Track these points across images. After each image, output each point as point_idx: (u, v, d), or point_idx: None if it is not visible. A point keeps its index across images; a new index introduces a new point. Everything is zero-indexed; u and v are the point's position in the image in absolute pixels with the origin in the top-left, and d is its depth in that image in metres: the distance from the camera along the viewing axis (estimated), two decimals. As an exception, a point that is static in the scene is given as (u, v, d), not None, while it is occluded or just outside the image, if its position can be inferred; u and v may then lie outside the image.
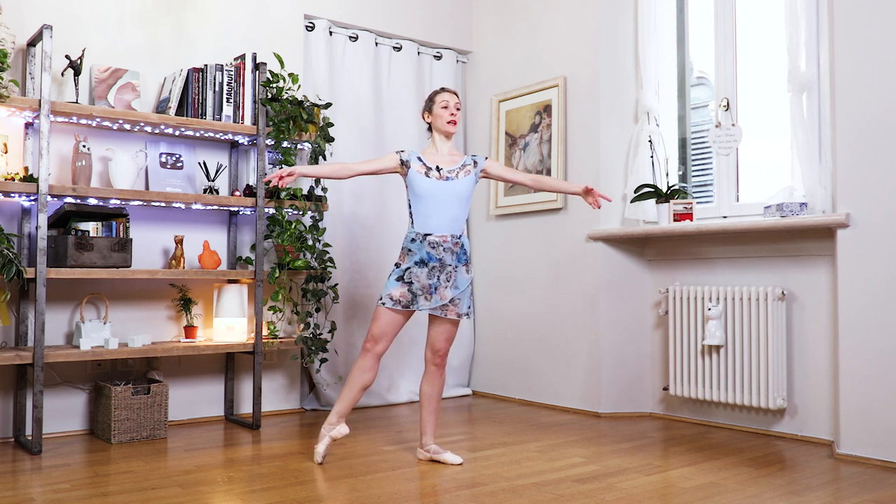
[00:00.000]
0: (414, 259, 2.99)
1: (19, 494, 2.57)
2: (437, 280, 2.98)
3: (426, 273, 2.98)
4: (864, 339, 3.12)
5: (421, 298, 2.98)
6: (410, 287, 2.98)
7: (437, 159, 3.08)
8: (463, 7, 5.01)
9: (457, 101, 3.11)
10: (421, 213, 3.02)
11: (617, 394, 4.13)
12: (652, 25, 4.15)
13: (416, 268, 2.98)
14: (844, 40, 3.21)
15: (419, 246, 2.99)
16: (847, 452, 3.14)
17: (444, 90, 3.13)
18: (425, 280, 2.97)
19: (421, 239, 2.99)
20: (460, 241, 3.03)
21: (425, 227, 3.00)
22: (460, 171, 3.07)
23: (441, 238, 2.99)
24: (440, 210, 3.01)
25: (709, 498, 2.58)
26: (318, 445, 3.05)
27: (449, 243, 3.00)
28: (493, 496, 2.59)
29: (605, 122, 4.19)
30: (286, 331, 4.16)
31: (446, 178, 3.04)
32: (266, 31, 4.17)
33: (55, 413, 3.51)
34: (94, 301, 3.63)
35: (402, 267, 3.00)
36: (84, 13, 3.63)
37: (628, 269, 4.15)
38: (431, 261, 2.98)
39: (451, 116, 3.08)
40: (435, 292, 2.98)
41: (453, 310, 3.00)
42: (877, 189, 3.09)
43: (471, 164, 3.11)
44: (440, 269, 2.98)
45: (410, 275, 2.98)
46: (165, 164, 3.78)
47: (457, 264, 3.01)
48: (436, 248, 2.98)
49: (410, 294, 2.98)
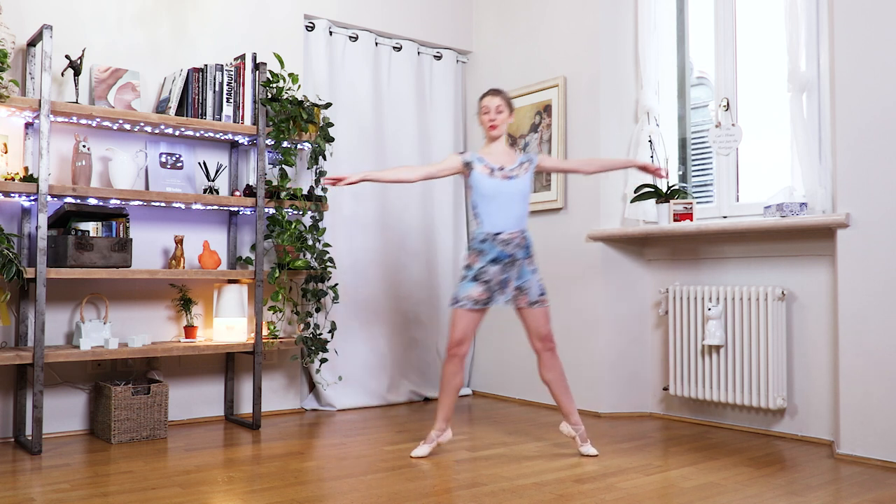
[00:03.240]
0: (487, 258, 3.12)
1: (19, 494, 2.57)
2: (509, 274, 3.13)
3: (499, 269, 3.11)
4: (864, 339, 3.12)
5: (498, 294, 3.13)
6: (488, 285, 3.11)
7: (496, 159, 3.19)
8: (463, 7, 5.01)
9: (498, 104, 3.20)
10: (489, 213, 3.14)
11: (617, 394, 4.13)
12: (652, 25, 4.15)
13: (490, 266, 3.12)
14: (844, 40, 3.21)
15: (491, 245, 3.12)
16: (847, 452, 3.14)
17: (485, 94, 3.25)
18: (499, 276, 3.12)
19: (492, 238, 3.11)
20: (525, 235, 3.18)
21: (495, 226, 3.13)
22: (519, 169, 3.19)
23: (511, 235, 3.13)
24: (507, 208, 3.14)
25: (709, 498, 2.58)
26: (423, 446, 3.17)
27: (518, 238, 3.14)
28: (493, 496, 2.59)
29: (605, 122, 4.19)
30: (286, 331, 4.16)
31: (509, 176, 3.17)
32: (266, 31, 4.17)
33: (55, 413, 3.51)
34: (94, 301, 3.63)
35: (476, 267, 3.13)
36: (84, 13, 3.63)
37: (628, 269, 4.14)
38: (504, 258, 3.12)
39: (491, 122, 3.20)
40: (507, 286, 3.13)
41: (523, 299, 3.15)
42: (877, 189, 3.09)
43: (527, 162, 3.23)
44: (511, 264, 3.13)
45: (485, 273, 3.12)
46: (165, 164, 3.78)
47: (524, 258, 3.15)
48: (507, 245, 3.12)
49: (489, 292, 3.11)
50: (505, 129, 3.23)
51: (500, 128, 3.20)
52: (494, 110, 3.18)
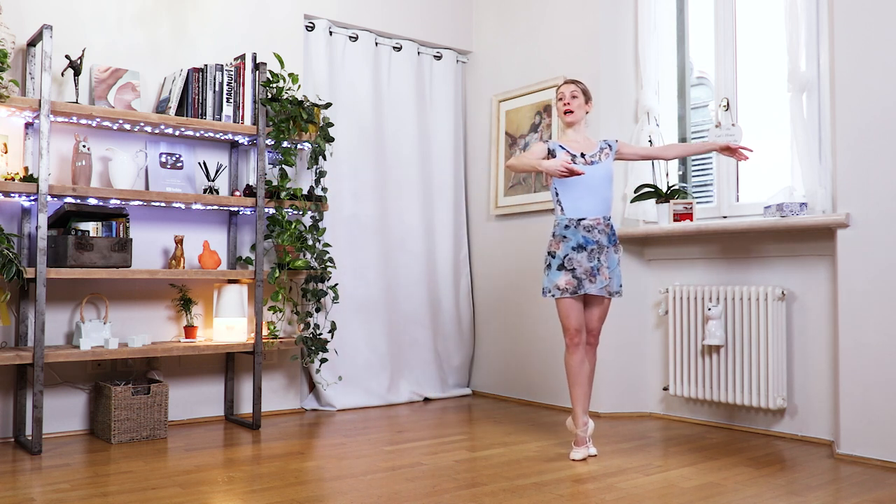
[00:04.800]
0: (570, 245, 3.10)
1: (19, 494, 2.57)
2: (598, 262, 3.11)
3: (586, 257, 3.09)
4: (864, 339, 3.12)
5: (586, 282, 3.09)
6: (574, 273, 3.08)
7: (576, 146, 3.20)
8: (463, 7, 5.01)
9: (573, 90, 3.22)
10: (571, 199, 3.12)
11: (617, 394, 4.13)
12: (652, 25, 4.15)
13: (575, 253, 3.09)
14: (844, 40, 3.21)
15: (574, 232, 3.11)
16: (847, 452, 3.14)
17: (563, 83, 3.27)
18: (587, 264, 3.09)
19: (575, 224, 3.11)
20: (609, 222, 3.15)
21: (578, 212, 3.12)
22: (601, 154, 3.20)
23: (595, 221, 3.12)
24: (591, 194, 3.12)
25: (709, 498, 2.58)
26: (578, 449, 3.11)
27: (602, 225, 3.13)
28: (493, 496, 2.59)
29: (605, 122, 4.19)
30: (286, 331, 4.16)
31: (591, 162, 3.16)
32: (266, 31, 4.17)
33: (55, 413, 3.51)
34: (94, 301, 3.63)
35: (560, 255, 3.11)
36: (84, 13, 3.63)
37: (628, 269, 4.14)
38: (589, 244, 3.10)
39: (566, 106, 3.21)
40: (598, 273, 3.10)
41: (608, 289, 3.13)
42: (877, 189, 3.09)
43: (607, 148, 3.23)
44: (598, 250, 3.10)
45: (571, 261, 3.10)
46: (165, 164, 3.78)
47: (609, 245, 3.13)
48: (591, 232, 3.11)
49: (576, 280, 3.09)
50: (582, 115, 3.23)
51: (575, 113, 3.21)
52: (569, 95, 3.21)
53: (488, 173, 4.87)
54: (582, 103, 3.21)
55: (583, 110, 3.22)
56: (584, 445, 3.14)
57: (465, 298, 4.92)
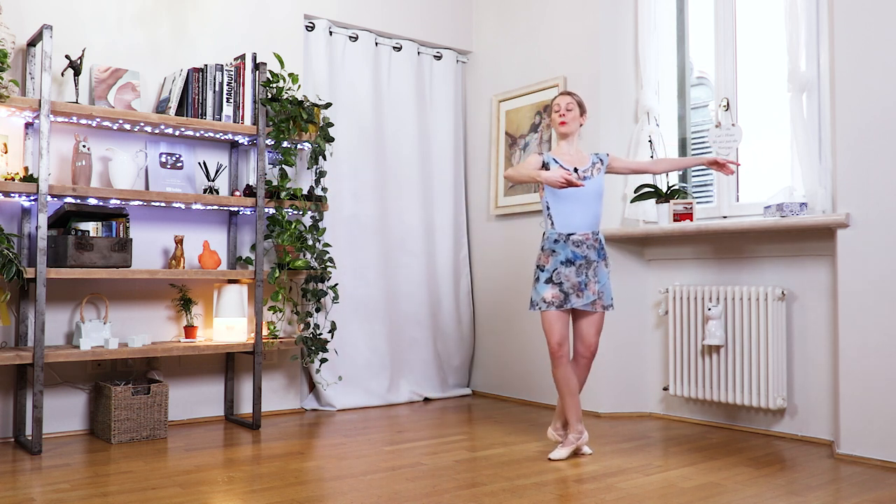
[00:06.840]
0: (559, 259, 3.11)
1: (19, 494, 2.57)
2: (586, 276, 3.12)
3: (574, 271, 3.10)
4: (864, 339, 3.11)
5: (573, 296, 3.10)
6: (561, 287, 3.09)
7: (569, 160, 3.19)
8: (463, 7, 5.01)
9: (568, 102, 3.22)
10: (562, 214, 3.13)
11: (617, 394, 4.13)
12: (652, 25, 4.15)
13: (564, 267, 3.10)
14: (844, 40, 3.21)
15: (563, 246, 3.11)
16: (847, 452, 3.14)
17: (559, 94, 3.27)
18: (575, 278, 3.10)
19: (564, 239, 3.11)
20: (599, 237, 3.15)
21: (567, 226, 3.12)
22: (593, 169, 3.19)
23: (584, 236, 3.12)
24: (582, 209, 3.12)
25: (709, 498, 2.58)
26: (561, 449, 3.13)
27: (591, 240, 3.13)
28: (493, 496, 2.59)
29: (605, 122, 4.19)
30: (286, 331, 4.16)
31: (584, 177, 3.16)
32: (266, 31, 4.17)
33: (55, 413, 3.51)
34: (94, 301, 3.63)
35: (549, 269, 3.12)
36: (84, 13, 3.63)
37: (628, 269, 4.14)
38: (578, 259, 3.10)
39: (561, 117, 3.21)
40: (585, 288, 3.11)
41: (600, 303, 3.14)
42: (877, 189, 3.09)
43: (599, 162, 3.22)
44: (587, 265, 3.11)
45: (559, 275, 3.11)
46: (165, 164, 3.78)
47: (598, 259, 3.13)
48: (580, 247, 3.11)
49: (562, 294, 3.10)
50: (576, 127, 3.22)
51: (570, 125, 3.20)
52: (565, 107, 3.21)
53: (488, 173, 4.87)
54: (577, 115, 3.22)
55: (577, 122, 3.23)
56: (570, 446, 3.14)
57: (465, 298, 4.92)
